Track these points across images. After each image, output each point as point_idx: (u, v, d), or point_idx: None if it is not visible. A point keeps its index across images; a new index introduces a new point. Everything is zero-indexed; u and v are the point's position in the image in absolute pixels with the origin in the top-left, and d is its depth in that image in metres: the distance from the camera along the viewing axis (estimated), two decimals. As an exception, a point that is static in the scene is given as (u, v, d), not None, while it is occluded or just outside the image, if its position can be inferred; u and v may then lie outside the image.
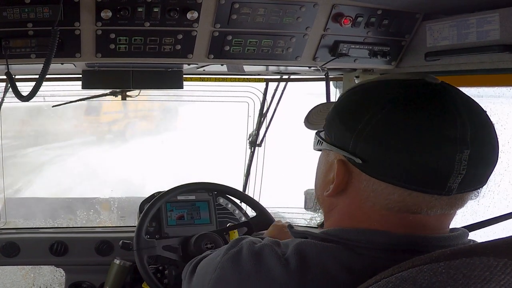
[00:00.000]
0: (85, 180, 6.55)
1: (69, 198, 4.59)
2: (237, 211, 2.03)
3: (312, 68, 1.78)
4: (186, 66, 1.83)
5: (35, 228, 2.45)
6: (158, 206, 1.86)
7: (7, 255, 2.13)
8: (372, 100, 0.71)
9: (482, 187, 0.72)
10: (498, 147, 0.71)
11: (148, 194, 2.10)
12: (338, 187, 0.75)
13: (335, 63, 1.70)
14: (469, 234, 0.77)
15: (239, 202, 2.01)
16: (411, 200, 0.69)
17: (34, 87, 1.32)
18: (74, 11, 1.39)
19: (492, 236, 0.65)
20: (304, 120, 0.97)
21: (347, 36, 1.64)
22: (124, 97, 2.15)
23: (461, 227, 0.78)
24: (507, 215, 1.42)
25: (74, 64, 1.64)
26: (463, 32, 1.44)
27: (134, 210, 2.17)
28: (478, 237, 0.82)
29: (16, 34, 1.39)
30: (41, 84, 1.32)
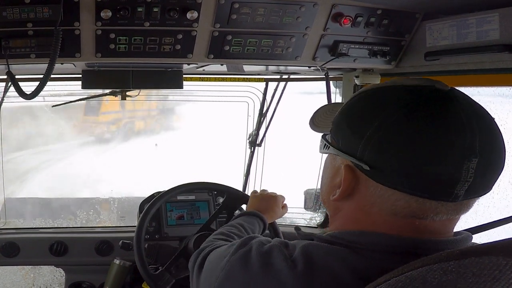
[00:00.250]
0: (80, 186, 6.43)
1: (69, 198, 4.58)
2: (237, 211, 2.03)
3: (312, 68, 1.78)
4: (186, 66, 1.83)
5: (35, 228, 2.45)
6: (158, 206, 1.86)
7: (7, 255, 2.13)
8: (381, 106, 0.71)
9: (487, 193, 0.72)
10: (505, 154, 0.71)
11: (148, 194, 2.10)
12: (344, 192, 0.76)
13: (335, 63, 1.70)
14: (472, 237, 0.78)
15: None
16: (417, 206, 0.70)
17: (38, 86, 1.32)
18: (74, 11, 1.39)
19: (494, 239, 0.65)
20: (310, 121, 0.96)
21: (347, 36, 1.64)
22: (124, 97, 2.15)
23: (463, 229, 0.78)
24: (508, 219, 1.42)
25: (74, 64, 1.64)
26: (462, 32, 1.44)
27: (134, 210, 2.17)
28: (479, 240, 0.82)
29: (16, 34, 1.39)
30: (45, 84, 1.31)
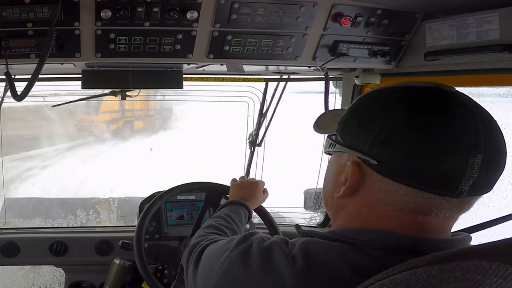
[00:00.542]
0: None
1: (68, 198, 4.58)
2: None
3: (312, 68, 1.78)
4: (185, 66, 1.83)
5: (35, 228, 2.45)
6: (158, 205, 1.86)
7: (7, 255, 2.14)
8: (391, 105, 0.73)
9: (488, 192, 0.74)
10: (506, 154, 0.73)
11: (147, 194, 2.10)
12: (350, 188, 0.77)
13: (335, 63, 1.70)
14: (471, 238, 0.79)
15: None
16: (423, 201, 0.71)
17: (26, 87, 1.31)
18: (73, 11, 1.39)
19: (492, 237, 0.66)
20: (314, 125, 0.99)
21: (347, 36, 1.64)
22: (124, 97, 2.15)
23: (461, 229, 0.79)
24: (507, 217, 1.42)
25: (74, 64, 1.64)
26: (462, 32, 1.44)
27: (134, 210, 2.17)
28: (478, 238, 0.82)
29: (16, 34, 1.39)
30: (33, 84, 1.31)
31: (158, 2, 1.40)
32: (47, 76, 2.13)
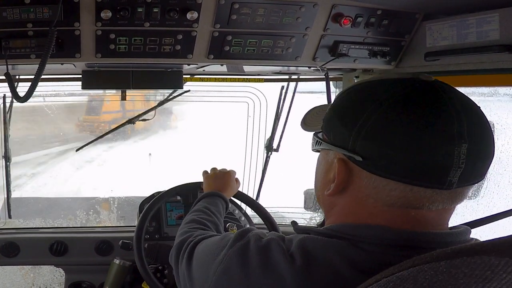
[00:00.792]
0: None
1: (68, 198, 4.58)
2: (236, 211, 2.03)
3: (312, 68, 1.78)
4: (186, 66, 1.83)
5: (35, 228, 2.45)
6: (158, 205, 1.86)
7: (7, 255, 2.13)
8: (370, 98, 0.72)
9: (480, 181, 0.73)
10: (493, 141, 0.72)
11: (147, 194, 2.10)
12: (339, 185, 0.76)
13: (335, 63, 1.70)
14: (471, 231, 0.77)
15: (239, 203, 2.01)
16: (412, 195, 0.70)
17: (29, 88, 1.31)
18: (74, 11, 1.39)
19: (491, 234, 0.65)
20: (301, 122, 0.98)
21: (347, 36, 1.64)
22: (124, 97, 2.16)
23: (461, 223, 0.78)
24: (507, 212, 1.42)
25: (74, 64, 1.64)
26: (462, 32, 1.44)
27: (134, 210, 2.17)
28: (477, 235, 0.82)
29: (16, 35, 1.39)
30: (36, 85, 1.31)
31: (158, 2, 1.40)
32: (47, 76, 2.13)
